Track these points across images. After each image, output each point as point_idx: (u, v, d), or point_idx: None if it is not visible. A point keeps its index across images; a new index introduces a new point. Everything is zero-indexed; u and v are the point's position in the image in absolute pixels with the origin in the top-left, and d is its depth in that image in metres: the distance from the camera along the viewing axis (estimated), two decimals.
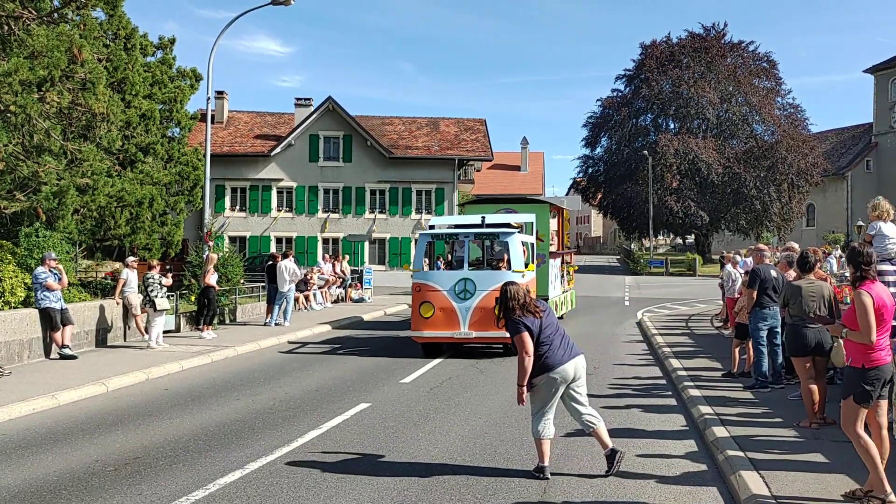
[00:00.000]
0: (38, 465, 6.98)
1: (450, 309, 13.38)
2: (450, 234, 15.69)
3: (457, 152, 42.68)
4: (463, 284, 13.48)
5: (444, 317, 13.39)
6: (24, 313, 12.88)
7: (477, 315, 13.27)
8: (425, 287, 13.62)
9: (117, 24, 22.28)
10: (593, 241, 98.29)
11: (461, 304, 13.35)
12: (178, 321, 17.47)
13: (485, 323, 13.14)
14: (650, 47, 58.24)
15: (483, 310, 13.16)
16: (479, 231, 14.78)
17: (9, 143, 16.31)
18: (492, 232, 14.68)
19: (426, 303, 13.48)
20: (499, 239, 15.09)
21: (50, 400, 9.70)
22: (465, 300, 13.36)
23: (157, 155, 24.68)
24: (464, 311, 13.32)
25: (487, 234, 14.86)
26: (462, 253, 15.53)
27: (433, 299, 13.48)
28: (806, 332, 7.86)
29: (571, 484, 6.33)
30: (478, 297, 13.33)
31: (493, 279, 13.38)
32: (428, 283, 13.68)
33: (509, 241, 14.07)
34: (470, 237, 15.04)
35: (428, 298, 13.50)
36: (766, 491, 5.72)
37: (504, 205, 19.18)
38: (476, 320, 13.28)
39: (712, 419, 8.16)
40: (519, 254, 13.85)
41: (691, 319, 20.73)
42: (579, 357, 6.67)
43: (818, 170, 55.06)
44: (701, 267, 48.70)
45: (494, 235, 14.94)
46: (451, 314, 13.37)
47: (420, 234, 14.74)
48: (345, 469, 6.78)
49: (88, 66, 17.22)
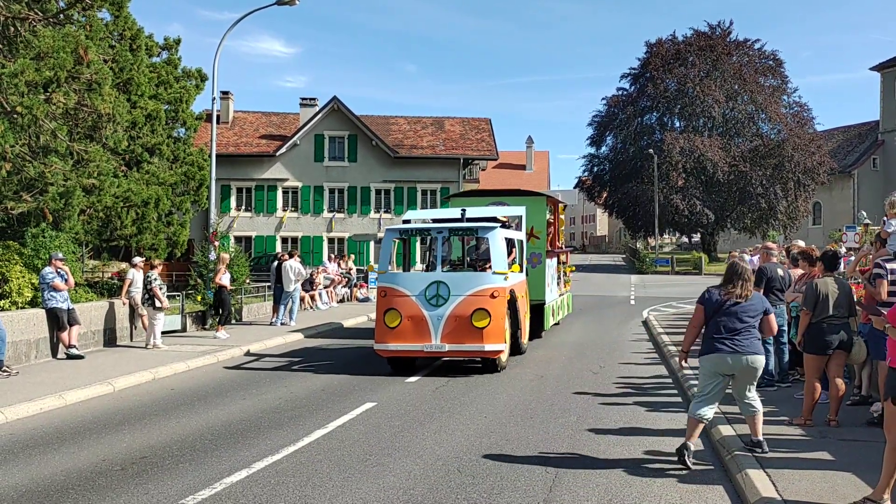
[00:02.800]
0: (46, 465, 7.00)
1: (419, 317, 11.53)
2: (420, 229, 13.07)
3: (462, 152, 42.70)
4: (435, 289, 11.67)
5: (413, 326, 11.52)
6: (31, 313, 12.93)
7: (451, 325, 11.46)
8: (391, 292, 11.83)
9: (123, 24, 22.37)
10: (598, 239, 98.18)
11: (433, 312, 11.52)
12: (184, 321, 17.50)
13: (460, 334, 11.44)
14: (655, 46, 58.12)
15: (458, 318, 11.46)
16: (454, 226, 12.74)
17: (15, 143, 16.38)
18: (469, 227, 12.72)
19: (392, 310, 11.66)
20: (478, 235, 13.00)
21: (57, 399, 9.74)
22: (438, 307, 11.55)
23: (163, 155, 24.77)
24: (435, 319, 11.48)
25: (464, 229, 12.78)
26: (435, 252, 13.25)
27: (400, 306, 11.65)
28: (829, 331, 7.75)
29: (577, 483, 6.32)
30: (452, 304, 11.53)
31: (469, 282, 11.82)
32: (395, 286, 11.86)
33: (490, 238, 12.29)
34: (444, 233, 12.69)
35: (394, 305, 11.69)
36: (773, 490, 5.70)
37: (495, 197, 16.92)
38: (450, 331, 11.45)
39: (718, 418, 8.12)
40: (501, 252, 12.04)
41: None
42: (745, 356, 6.55)
43: (824, 168, 54.86)
44: (707, 265, 48.57)
45: (472, 231, 12.83)
46: (421, 323, 11.51)
47: (386, 231, 12.96)
48: (351, 468, 6.78)
49: (94, 66, 17.30)
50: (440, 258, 12.69)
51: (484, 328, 11.37)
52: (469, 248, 16.10)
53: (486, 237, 12.51)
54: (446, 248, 14.25)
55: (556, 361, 13.36)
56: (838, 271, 8.37)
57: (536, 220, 16.06)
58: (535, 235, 16.03)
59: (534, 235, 16.01)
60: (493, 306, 11.49)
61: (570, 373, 12.10)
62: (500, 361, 11.90)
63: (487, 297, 11.51)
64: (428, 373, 12.08)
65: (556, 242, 17.89)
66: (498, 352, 11.64)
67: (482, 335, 11.37)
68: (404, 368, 12.04)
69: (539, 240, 16.08)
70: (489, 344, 11.42)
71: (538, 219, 16.14)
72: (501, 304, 11.64)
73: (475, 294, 11.56)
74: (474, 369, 12.26)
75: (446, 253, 14.28)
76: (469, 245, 16.23)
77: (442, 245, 13.33)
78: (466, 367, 12.49)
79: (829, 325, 7.67)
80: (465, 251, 15.68)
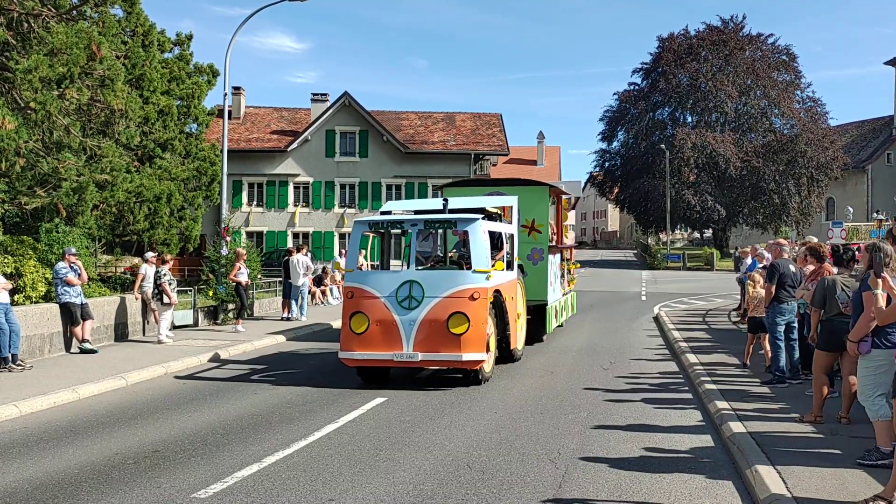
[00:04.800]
0: (60, 458, 7.08)
1: (389, 322, 10.22)
2: (392, 221, 11.58)
3: (472, 147, 42.69)
4: (407, 289, 10.33)
5: (382, 332, 10.21)
6: (45, 308, 13.04)
7: (425, 331, 10.10)
8: (359, 292, 10.52)
9: (135, 21, 22.45)
10: (610, 235, 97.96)
11: (404, 316, 10.18)
12: (196, 316, 17.62)
13: (435, 341, 10.08)
14: (668, 40, 57.84)
15: (433, 323, 10.11)
16: (429, 218, 11.30)
17: (29, 139, 16.50)
18: (445, 219, 11.24)
19: (359, 314, 10.36)
20: (456, 228, 11.50)
21: (70, 394, 9.83)
22: (410, 310, 10.21)
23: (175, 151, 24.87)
24: (407, 324, 10.15)
25: (439, 221, 11.29)
26: (411, 248, 11.71)
27: (368, 309, 10.34)
28: (840, 328, 7.70)
29: (587, 478, 6.33)
30: (426, 307, 10.19)
31: (446, 282, 10.42)
32: (363, 287, 10.56)
33: (470, 231, 10.78)
34: (418, 226, 11.21)
35: (362, 308, 10.38)
36: (783, 487, 5.70)
37: (493, 187, 15.60)
38: (423, 337, 10.10)
39: (729, 414, 8.12)
40: (482, 247, 10.65)
41: (709, 314, 20.63)
42: None
43: (838, 163, 54.50)
44: (718, 261, 48.41)
45: (449, 223, 11.31)
46: (391, 329, 10.19)
47: (354, 223, 11.54)
48: (361, 463, 6.82)
49: (107, 62, 17.40)
50: (413, 254, 11.31)
51: (462, 335, 10.00)
52: (457, 244, 14.16)
53: (466, 230, 10.94)
54: (430, 244, 13.08)
55: (565, 358, 13.36)
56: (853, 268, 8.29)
57: (538, 212, 14.79)
58: (535, 229, 14.81)
59: (535, 229, 14.80)
60: (473, 310, 10.12)
61: (580, 369, 12.09)
62: (481, 373, 10.49)
63: (466, 299, 10.16)
64: (439, 368, 12.09)
65: (560, 237, 16.70)
66: (478, 362, 10.20)
67: (460, 343, 10.00)
68: (376, 379, 10.80)
69: (541, 234, 14.80)
70: (468, 353, 10.01)
71: (540, 211, 14.83)
72: (482, 306, 10.26)
73: (452, 296, 10.22)
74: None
75: (431, 248, 13.05)
76: (451, 241, 14.47)
77: (418, 239, 12.26)
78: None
79: (840, 322, 7.63)
80: (445, 247, 13.66)
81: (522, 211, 14.32)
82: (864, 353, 5.89)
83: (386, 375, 10.98)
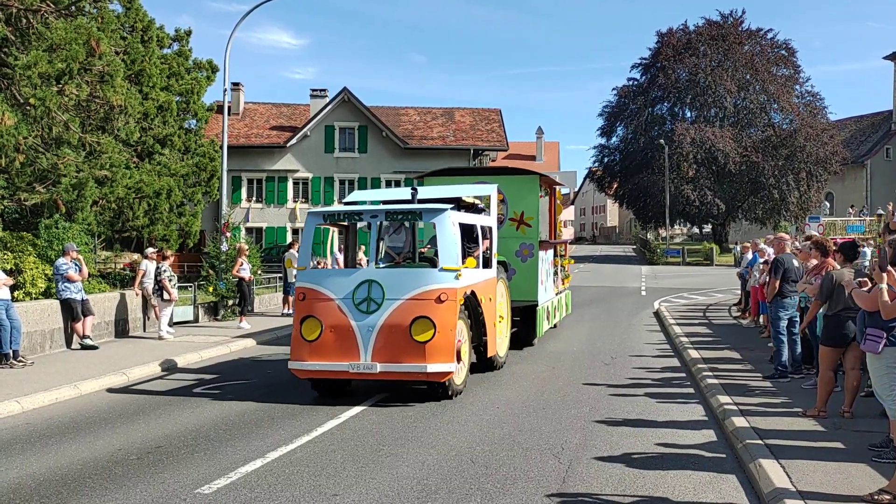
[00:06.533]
0: (63, 454, 7.07)
1: (345, 328, 8.97)
2: (349, 212, 10.11)
3: (472, 142, 42.67)
4: (365, 290, 9.07)
5: (337, 340, 8.98)
6: (46, 304, 13.03)
7: (384, 338, 8.87)
8: (312, 294, 9.24)
9: (134, 16, 22.44)
10: (609, 230, 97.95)
11: (362, 321, 8.95)
12: (197, 312, 17.61)
13: (396, 350, 8.85)
14: (666, 35, 57.74)
15: (394, 329, 8.87)
16: (391, 208, 10.16)
17: (28, 135, 16.47)
18: (409, 209, 9.91)
19: (311, 318, 9.10)
20: (422, 219, 10.10)
21: (72, 389, 9.83)
22: (369, 314, 8.96)
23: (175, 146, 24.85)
24: (365, 330, 8.91)
25: (403, 211, 10.02)
26: (370, 242, 10.35)
27: (321, 313, 9.08)
28: (849, 323, 7.69)
29: (591, 473, 6.33)
30: (386, 311, 8.93)
31: (409, 282, 9.15)
32: (316, 288, 9.27)
33: (437, 223, 9.44)
34: (378, 217, 9.93)
35: (314, 311, 9.12)
36: (787, 481, 5.70)
37: (479, 176, 14.41)
38: (383, 346, 8.86)
39: (731, 409, 8.12)
40: (451, 242, 9.35)
41: (709, 309, 20.64)
42: None
43: (837, 158, 54.47)
44: (718, 256, 48.43)
45: (414, 214, 9.93)
46: (347, 336, 8.95)
47: (308, 215, 10.20)
48: (364, 458, 6.82)
49: (106, 58, 17.38)
50: (374, 250, 10.16)
51: (426, 342, 8.78)
52: (432, 238, 11.59)
53: (433, 222, 9.57)
54: (403, 238, 11.82)
55: (566, 353, 13.36)
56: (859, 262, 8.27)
57: (527, 204, 13.68)
58: (525, 223, 13.64)
59: (524, 223, 13.64)
60: (440, 314, 8.89)
61: (582, 364, 12.09)
62: (450, 385, 9.20)
63: (431, 301, 8.94)
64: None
65: (552, 231, 15.65)
66: (445, 374, 8.93)
67: (424, 351, 8.77)
68: (334, 392, 9.57)
69: (531, 228, 13.65)
70: (434, 363, 8.77)
71: (529, 203, 13.71)
72: (450, 310, 9.01)
73: (416, 298, 8.97)
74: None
75: (403, 244, 11.71)
76: (416, 234, 12.38)
77: (389, 234, 11.39)
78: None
79: (846, 317, 7.62)
80: (413, 241, 11.65)
81: (511, 203, 13.61)
82: (875, 353, 5.85)
83: (344, 388, 9.72)
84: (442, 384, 9.13)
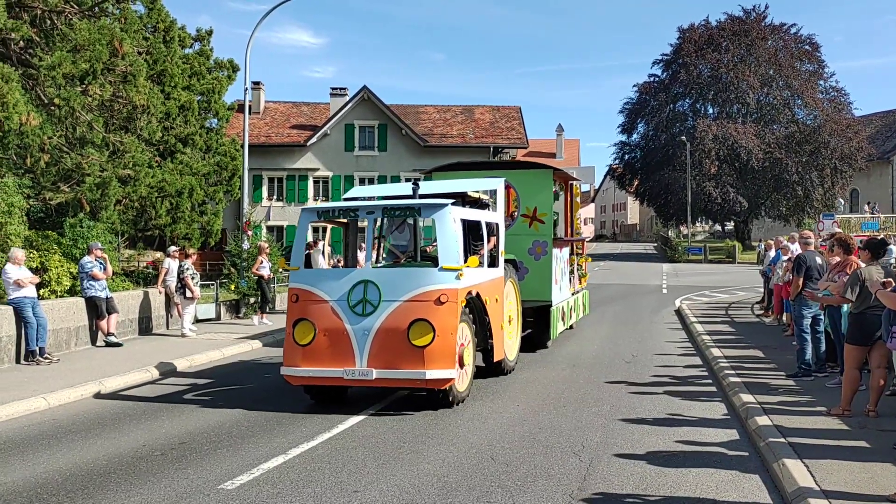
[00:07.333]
0: (89, 450, 7.17)
1: (339, 331, 8.52)
2: (344, 209, 9.54)
3: (492, 140, 42.58)
4: (361, 292, 8.60)
5: (331, 344, 8.54)
6: (71, 302, 13.20)
7: (381, 342, 8.40)
8: (305, 295, 8.83)
9: (156, 16, 22.57)
10: (630, 228, 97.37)
11: (357, 325, 8.48)
12: (219, 309, 17.75)
13: (393, 355, 8.38)
14: (688, 31, 57.26)
15: (391, 333, 8.39)
16: (388, 204, 9.60)
17: (53, 135, 16.66)
18: (407, 205, 9.30)
19: (304, 321, 8.68)
20: (420, 215, 9.38)
21: (97, 386, 9.95)
22: (364, 317, 8.50)
23: (196, 146, 25.00)
24: (360, 334, 8.45)
25: (400, 207, 9.39)
26: (367, 240, 10.14)
27: (315, 315, 8.65)
28: (872, 321, 7.58)
29: (612, 471, 6.31)
30: (383, 313, 8.46)
31: (407, 283, 8.64)
32: (309, 289, 8.85)
33: (436, 220, 8.89)
34: (375, 214, 9.48)
35: (308, 314, 8.69)
36: (811, 480, 5.65)
37: (490, 171, 13.81)
38: (379, 350, 8.39)
39: (754, 408, 8.06)
40: (452, 240, 8.84)
41: (731, 307, 20.47)
42: None
43: (862, 154, 53.75)
44: (741, 254, 47.97)
45: (413, 210, 9.25)
46: (342, 340, 8.50)
47: (302, 211, 9.62)
48: (385, 455, 6.84)
49: (129, 58, 17.52)
50: (370, 248, 9.87)
51: (425, 347, 8.31)
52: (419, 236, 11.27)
53: (433, 218, 8.98)
54: (407, 236, 11.31)
55: (586, 351, 13.31)
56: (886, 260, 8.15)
57: (541, 199, 13.14)
58: (538, 219, 13.08)
59: (537, 219, 13.08)
60: (439, 316, 8.41)
61: (602, 362, 12.05)
62: (452, 392, 8.68)
63: (431, 303, 8.46)
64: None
65: (569, 228, 14.99)
66: (445, 381, 8.44)
67: (423, 357, 8.31)
68: (330, 400, 9.07)
69: (544, 224, 13.07)
70: (433, 369, 8.31)
71: (543, 198, 13.16)
72: (451, 312, 8.51)
73: (414, 299, 8.50)
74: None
75: (408, 242, 11.13)
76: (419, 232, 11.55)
77: (392, 231, 10.89)
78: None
79: (873, 315, 7.51)
80: (416, 239, 10.75)
81: (523, 198, 13.13)
82: None
83: (342, 396, 9.22)
84: (443, 391, 8.60)
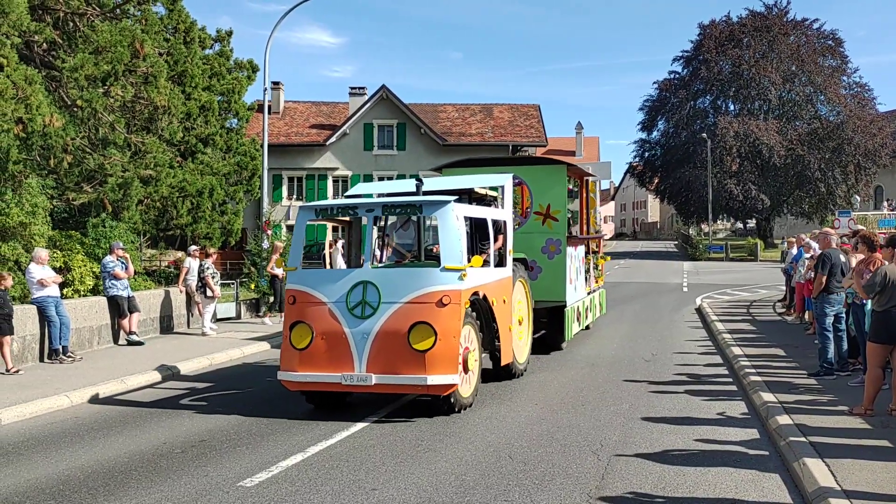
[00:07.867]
0: (110, 447, 7.25)
1: (337, 335, 8.19)
2: (343, 206, 9.19)
3: (511, 138, 42.50)
4: (360, 293, 8.27)
5: (329, 348, 8.20)
6: (94, 301, 13.35)
7: (380, 346, 8.05)
8: (302, 297, 8.50)
9: (177, 18, 22.75)
10: (650, 226, 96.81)
11: (356, 328, 8.14)
12: (239, 308, 17.88)
13: (393, 359, 8.03)
14: (709, 27, 56.79)
15: (391, 336, 8.04)
16: (388, 201, 9.08)
17: (76, 136, 16.87)
18: (408, 202, 8.87)
19: (301, 324, 8.36)
20: (422, 213, 8.99)
21: (119, 384, 10.06)
22: (364, 320, 8.16)
23: (217, 146, 25.18)
24: (359, 337, 8.11)
25: (401, 204, 8.97)
26: (366, 239, 9.81)
27: (313, 318, 8.32)
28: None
29: (630, 470, 6.29)
30: (382, 316, 8.11)
31: (408, 284, 8.26)
32: (307, 290, 8.51)
33: (438, 217, 8.53)
34: (374, 211, 8.93)
35: (305, 317, 8.37)
36: (833, 480, 5.59)
37: (501, 167, 13.25)
38: (378, 354, 8.05)
39: (775, 407, 7.99)
40: (455, 238, 8.41)
41: (753, 305, 20.28)
42: None
43: (887, 150, 53.09)
44: (762, 252, 47.54)
45: (414, 208, 8.86)
46: (340, 343, 8.17)
47: (299, 210, 9.18)
48: (403, 453, 6.86)
49: (150, 60, 17.68)
50: (369, 248, 9.57)
51: (426, 351, 7.93)
52: (425, 235, 11.09)
53: (435, 215, 8.64)
54: (412, 235, 10.84)
55: (606, 349, 13.26)
56: None
57: (554, 196, 12.66)
58: (551, 216, 12.62)
59: (550, 216, 12.62)
60: (441, 319, 8.03)
61: (622, 361, 11.99)
62: (455, 398, 8.26)
63: (432, 305, 8.08)
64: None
65: (584, 226, 14.54)
66: (448, 386, 8.06)
67: (424, 361, 7.94)
68: (330, 406, 8.76)
69: (558, 222, 12.61)
70: (434, 375, 7.93)
71: (556, 194, 12.68)
72: (453, 314, 8.13)
73: (415, 301, 8.14)
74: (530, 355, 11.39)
75: (413, 241, 10.72)
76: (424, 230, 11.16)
77: (397, 230, 10.63)
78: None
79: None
80: (420, 238, 10.52)
81: (535, 195, 12.70)
82: None
83: (343, 401, 8.89)
84: (446, 397, 8.20)
